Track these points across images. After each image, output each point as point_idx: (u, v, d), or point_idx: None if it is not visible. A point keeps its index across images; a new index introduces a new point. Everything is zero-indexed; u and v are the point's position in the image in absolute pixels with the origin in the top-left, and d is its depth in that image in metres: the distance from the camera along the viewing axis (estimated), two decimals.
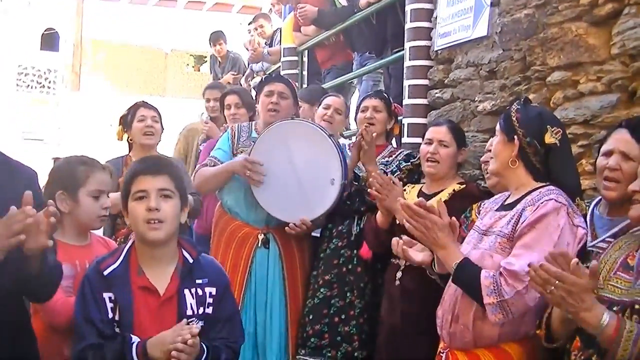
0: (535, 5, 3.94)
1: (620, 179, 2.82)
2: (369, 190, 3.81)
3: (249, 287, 4.32)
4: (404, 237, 3.11)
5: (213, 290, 2.92)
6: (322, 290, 4.26)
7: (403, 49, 5.30)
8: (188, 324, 2.76)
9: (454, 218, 2.83)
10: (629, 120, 2.99)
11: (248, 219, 4.41)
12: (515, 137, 2.80)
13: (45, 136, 20.69)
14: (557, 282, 2.24)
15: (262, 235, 4.35)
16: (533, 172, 2.81)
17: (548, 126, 2.81)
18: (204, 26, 14.55)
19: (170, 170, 2.92)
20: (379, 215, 3.83)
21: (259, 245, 4.34)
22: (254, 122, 4.76)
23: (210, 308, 2.90)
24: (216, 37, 9.39)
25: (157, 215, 2.81)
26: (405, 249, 3.08)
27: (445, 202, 3.57)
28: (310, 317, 4.25)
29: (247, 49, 8.75)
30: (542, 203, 2.66)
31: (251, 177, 4.21)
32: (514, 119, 2.83)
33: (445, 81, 4.87)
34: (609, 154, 2.89)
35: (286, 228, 4.25)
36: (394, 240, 3.16)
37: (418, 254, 3.06)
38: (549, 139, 2.78)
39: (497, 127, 2.91)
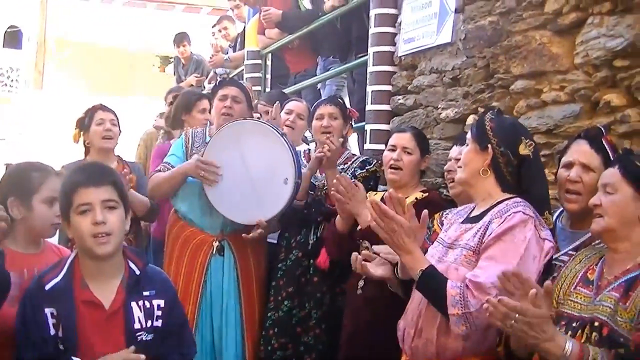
0: (499, 13, 3.89)
1: (582, 191, 2.80)
2: (331, 193, 3.71)
3: (205, 295, 4.24)
4: (363, 251, 3.04)
5: (161, 302, 2.82)
6: (286, 302, 4.22)
7: (367, 54, 5.24)
8: (139, 338, 2.66)
9: (425, 212, 2.75)
10: (588, 131, 2.96)
11: (202, 225, 4.32)
12: (489, 146, 2.72)
13: (6, 135, 20.34)
14: (517, 315, 2.20)
15: (217, 242, 4.27)
16: (502, 183, 2.74)
17: (522, 137, 2.74)
18: (170, 27, 14.39)
19: (113, 179, 2.80)
20: (338, 219, 3.75)
21: (214, 252, 4.26)
22: (207, 127, 4.67)
23: (160, 321, 2.79)
24: (180, 39, 9.27)
25: (104, 228, 2.68)
26: (364, 264, 2.99)
27: None
28: (276, 329, 4.20)
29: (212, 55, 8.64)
30: (509, 215, 2.59)
31: (206, 178, 4.11)
32: (488, 128, 2.75)
33: (409, 87, 4.82)
34: (569, 165, 2.87)
35: (243, 235, 4.15)
36: (353, 255, 3.08)
37: (377, 269, 2.98)
38: (523, 150, 2.71)
39: (468, 135, 2.83)
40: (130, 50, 21.82)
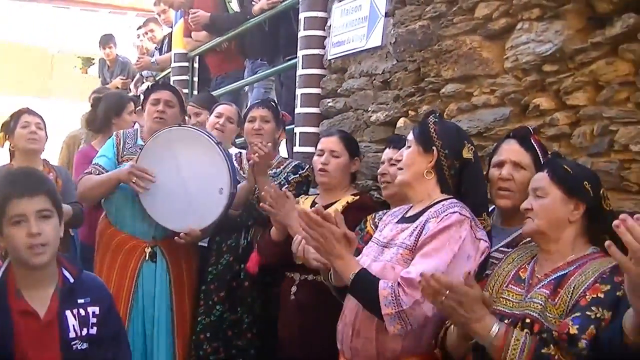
0: (430, 18, 3.88)
1: (514, 188, 2.85)
2: (260, 205, 3.65)
3: (136, 301, 4.13)
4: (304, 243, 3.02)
5: (96, 310, 2.73)
6: (217, 307, 4.15)
7: (296, 57, 5.19)
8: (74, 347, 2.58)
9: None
10: (517, 130, 3.00)
11: (134, 231, 4.21)
12: (434, 148, 2.72)
13: None
14: (447, 292, 2.22)
15: (149, 248, 4.17)
16: (442, 185, 2.75)
17: (465, 141, 2.77)
18: (92, 28, 14.06)
19: (46, 188, 2.70)
20: (273, 230, 3.69)
21: (146, 258, 4.16)
22: (139, 129, 4.56)
23: (95, 328, 2.71)
24: (106, 40, 9.05)
25: (39, 240, 2.59)
26: (307, 248, 3.01)
27: None
28: (208, 334, 4.13)
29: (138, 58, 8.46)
30: (446, 215, 2.59)
31: (137, 184, 3.99)
32: (432, 130, 2.76)
33: (338, 90, 4.79)
34: (501, 164, 2.90)
35: (175, 238, 4.06)
36: (296, 237, 3.05)
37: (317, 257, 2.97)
38: (466, 154, 2.74)
39: (410, 137, 2.82)
40: (51, 51, 21.28)
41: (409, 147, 2.80)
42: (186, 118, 4.84)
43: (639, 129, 2.78)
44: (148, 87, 4.63)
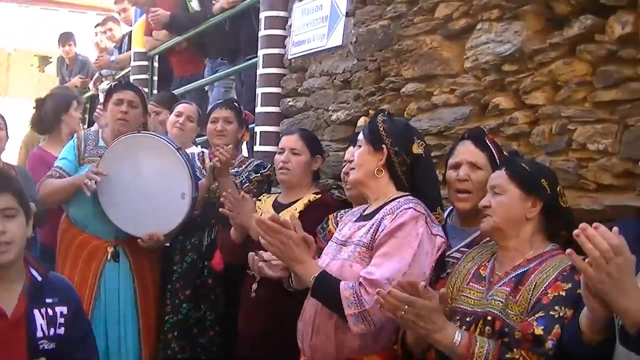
0: (390, 17, 3.88)
1: (471, 189, 2.83)
2: (220, 209, 3.62)
3: (99, 302, 4.07)
4: (261, 252, 2.96)
5: (64, 309, 2.69)
6: (184, 305, 4.10)
7: (256, 56, 5.16)
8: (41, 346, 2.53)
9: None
10: (471, 131, 3.00)
11: (96, 231, 4.14)
12: (383, 146, 2.70)
13: None
14: (406, 306, 2.20)
15: (112, 248, 4.11)
16: (396, 182, 2.72)
17: (414, 137, 2.75)
18: (51, 27, 13.83)
19: (12, 186, 2.67)
20: (232, 231, 3.66)
21: (109, 258, 4.10)
22: (100, 130, 4.48)
23: (62, 328, 2.67)
24: (65, 38, 8.89)
25: (4, 238, 2.57)
26: (261, 265, 2.96)
27: (301, 212, 3.50)
28: (175, 333, 4.08)
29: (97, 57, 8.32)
30: (400, 212, 2.57)
31: (88, 184, 3.91)
32: (381, 129, 2.73)
33: (299, 90, 4.76)
34: (457, 166, 2.88)
35: (139, 240, 4.01)
36: (250, 255, 3.03)
37: (274, 269, 2.95)
38: (416, 149, 2.71)
39: (361, 137, 2.79)
40: (8, 49, 20.95)
41: (360, 146, 2.78)
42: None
43: (596, 128, 2.80)
44: (110, 86, 4.55)
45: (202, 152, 4.51)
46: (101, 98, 7.19)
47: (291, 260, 2.61)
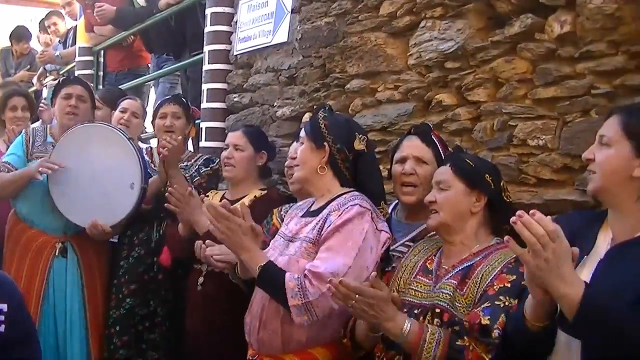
0: (335, 14, 3.85)
1: (417, 182, 2.82)
2: (165, 205, 3.56)
3: (47, 298, 3.97)
4: (208, 241, 2.96)
5: (4, 307, 2.53)
6: (128, 300, 4.02)
7: (202, 52, 5.09)
8: None
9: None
10: (417, 127, 2.99)
11: (44, 227, 4.04)
12: (325, 143, 2.67)
13: None
14: (357, 296, 2.21)
15: (60, 244, 4.02)
16: (340, 178, 2.70)
17: (356, 133, 2.72)
18: None
19: None
20: (180, 225, 3.61)
21: (57, 254, 4.00)
22: (49, 126, 4.36)
23: (3, 326, 2.51)
24: (21, 36, 8.61)
25: None
26: (207, 254, 2.96)
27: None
28: (117, 328, 4.01)
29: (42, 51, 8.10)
30: (346, 208, 2.56)
31: (43, 172, 3.84)
32: (322, 126, 2.71)
33: (244, 86, 4.71)
34: (403, 160, 2.87)
35: (87, 228, 3.92)
36: (197, 243, 3.02)
37: (221, 258, 2.96)
38: (358, 145, 2.69)
39: (303, 134, 2.76)
40: None
41: (302, 143, 2.75)
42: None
43: (536, 125, 2.83)
44: (59, 81, 4.42)
45: (150, 147, 4.44)
46: (45, 93, 7.00)
47: (238, 247, 2.58)
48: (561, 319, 1.90)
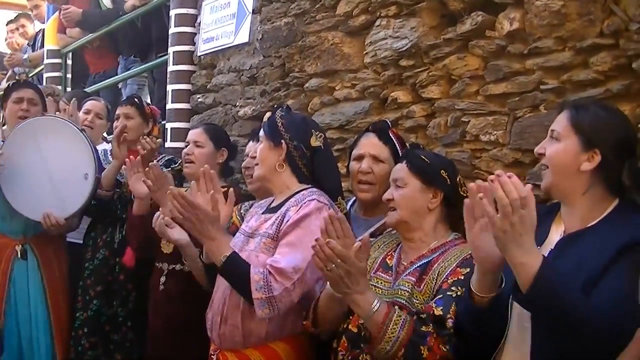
0: (294, 14, 3.83)
1: (373, 181, 2.81)
2: (142, 180, 3.47)
3: (9, 301, 3.88)
4: (167, 218, 2.94)
5: None
6: (95, 302, 3.97)
7: (167, 54, 5.02)
8: None
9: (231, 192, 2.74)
10: (375, 124, 2.97)
11: (3, 229, 3.94)
12: (283, 141, 2.66)
13: None
14: (338, 260, 2.16)
15: (20, 246, 3.92)
16: (298, 175, 2.69)
17: (312, 130, 2.71)
18: None
19: None
20: (135, 203, 3.57)
21: (17, 257, 3.91)
22: (1, 131, 4.27)
23: None
24: None
25: None
26: (162, 223, 2.96)
27: None
28: (85, 329, 3.95)
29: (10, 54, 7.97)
30: (305, 203, 2.55)
31: None
32: (280, 124, 2.69)
33: (208, 86, 4.68)
34: (360, 158, 2.85)
35: (42, 222, 3.82)
36: (156, 215, 3.00)
37: (175, 232, 2.96)
38: (314, 142, 2.68)
39: (261, 133, 2.74)
40: None
41: (261, 142, 2.74)
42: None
43: (488, 120, 2.82)
44: (9, 85, 4.33)
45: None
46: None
47: (204, 236, 2.55)
48: (515, 289, 1.87)
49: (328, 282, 2.31)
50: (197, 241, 2.72)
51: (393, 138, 2.87)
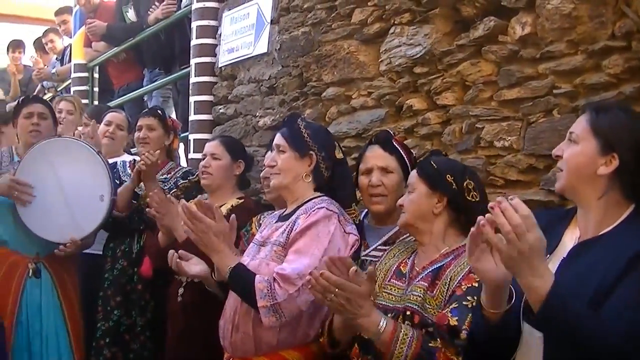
0: (311, 24, 3.86)
1: (384, 192, 2.81)
2: (146, 210, 3.56)
3: (21, 318, 3.90)
4: (180, 250, 2.96)
5: None
6: (115, 312, 4.03)
7: (189, 65, 5.07)
8: None
9: (233, 215, 2.72)
10: (378, 135, 2.96)
11: (16, 246, 3.96)
12: (312, 153, 2.69)
13: None
14: (336, 289, 2.17)
15: (33, 264, 3.94)
16: (318, 185, 2.72)
17: (335, 142, 2.76)
18: None
19: None
20: (160, 235, 3.61)
21: (30, 275, 3.93)
22: (14, 147, 4.31)
23: None
24: (16, 45, 8.66)
25: None
26: (179, 262, 2.93)
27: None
28: (107, 340, 4.01)
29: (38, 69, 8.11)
30: (313, 211, 2.57)
31: (19, 198, 3.80)
32: (305, 135, 2.71)
33: (229, 97, 4.72)
34: (368, 171, 2.85)
35: (55, 251, 3.88)
36: (170, 253, 2.99)
37: (193, 267, 2.94)
38: (338, 154, 2.73)
39: (283, 142, 2.73)
40: None
41: (283, 152, 2.73)
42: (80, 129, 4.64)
43: (502, 126, 2.81)
44: (18, 102, 4.40)
45: (134, 160, 4.42)
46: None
47: (209, 249, 2.60)
48: (526, 310, 1.87)
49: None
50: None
51: (398, 147, 2.86)
